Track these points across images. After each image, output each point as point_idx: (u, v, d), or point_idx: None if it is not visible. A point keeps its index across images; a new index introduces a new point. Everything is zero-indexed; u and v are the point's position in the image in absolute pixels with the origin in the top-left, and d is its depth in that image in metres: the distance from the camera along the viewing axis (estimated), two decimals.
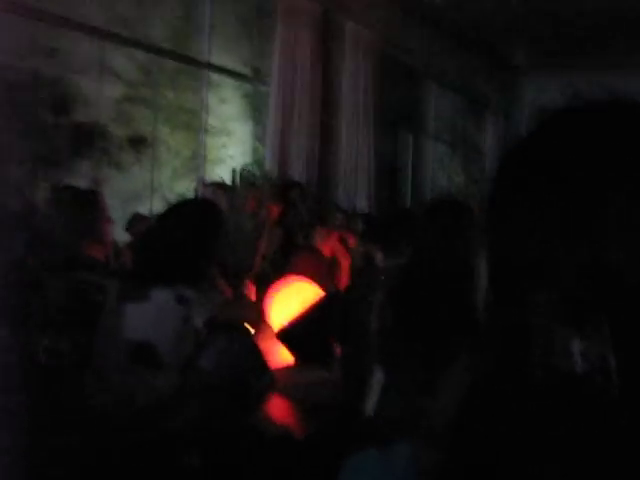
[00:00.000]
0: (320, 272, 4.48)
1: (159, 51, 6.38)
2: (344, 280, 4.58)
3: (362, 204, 7.10)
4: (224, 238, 2.62)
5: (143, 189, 6.43)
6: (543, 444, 0.54)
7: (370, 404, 2.16)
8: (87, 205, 3.58)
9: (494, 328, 0.61)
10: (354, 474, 0.71)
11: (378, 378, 2.11)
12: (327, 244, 4.90)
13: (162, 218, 2.61)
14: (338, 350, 3.49)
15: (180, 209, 2.63)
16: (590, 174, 0.57)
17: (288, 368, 3.57)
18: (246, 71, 7.08)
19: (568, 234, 0.56)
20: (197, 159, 6.59)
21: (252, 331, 3.87)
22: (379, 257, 3.85)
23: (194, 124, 6.66)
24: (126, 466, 2.24)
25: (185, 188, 6.41)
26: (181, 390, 2.41)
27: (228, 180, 5.95)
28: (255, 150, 6.98)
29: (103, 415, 2.40)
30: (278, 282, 4.34)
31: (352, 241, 5.12)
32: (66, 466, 2.20)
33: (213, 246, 2.59)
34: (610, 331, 0.53)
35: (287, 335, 3.77)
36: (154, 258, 2.48)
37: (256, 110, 7.04)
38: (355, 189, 7.16)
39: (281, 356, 3.70)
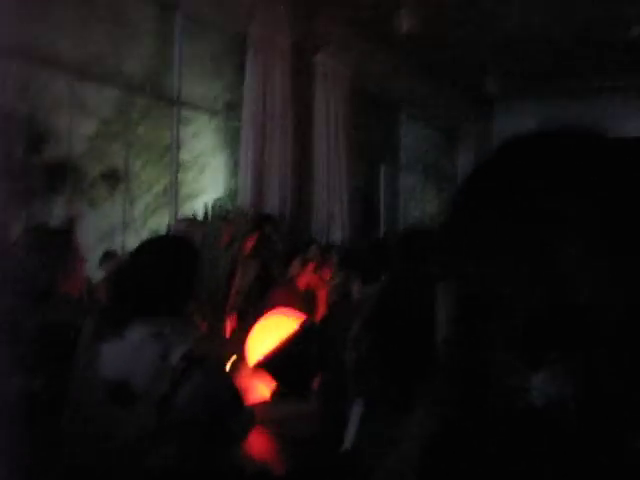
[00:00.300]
0: (296, 304, 4.47)
1: (131, 87, 6.39)
2: (321, 311, 4.58)
3: (336, 235, 7.12)
4: (199, 273, 2.61)
5: (116, 225, 6.41)
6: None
7: (349, 437, 2.15)
8: (59, 244, 3.56)
9: (454, 364, 0.61)
10: None
11: (356, 410, 2.11)
12: (303, 276, 4.90)
13: (135, 254, 2.60)
14: (316, 382, 3.48)
15: (153, 245, 2.63)
16: (546, 206, 0.57)
17: (265, 402, 3.55)
18: (218, 105, 7.11)
19: (523, 270, 0.56)
20: (170, 194, 6.58)
21: (227, 367, 3.85)
22: (355, 287, 3.86)
23: (166, 159, 6.67)
24: None
25: (158, 223, 6.40)
26: (158, 428, 2.38)
27: (201, 214, 5.95)
28: (228, 183, 6.99)
29: (79, 454, 2.36)
30: (253, 311, 4.33)
31: (327, 272, 5.13)
32: None
33: (188, 282, 2.58)
34: (567, 366, 0.54)
35: (265, 368, 3.75)
36: (128, 295, 2.47)
37: (228, 144, 7.06)
38: (329, 220, 7.17)
39: (258, 391, 3.68)
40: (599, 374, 0.55)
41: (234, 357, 3.85)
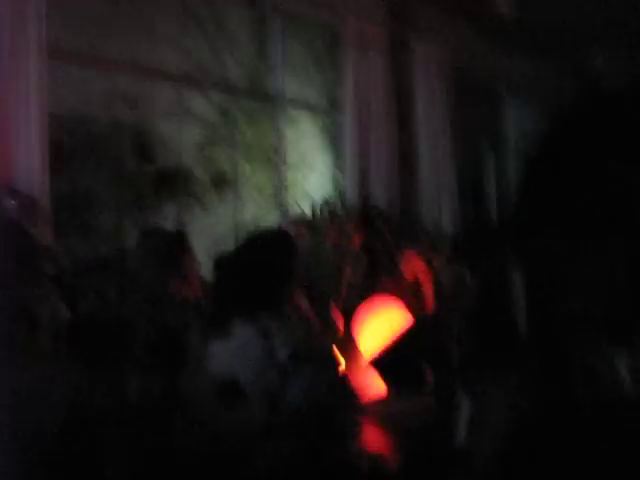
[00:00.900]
0: (404, 297, 4.42)
1: (235, 90, 6.47)
2: (429, 303, 4.51)
3: (447, 223, 7.02)
4: (300, 267, 2.61)
5: (228, 228, 6.51)
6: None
7: (460, 431, 2.10)
8: (173, 245, 3.64)
9: (533, 352, 0.57)
10: None
11: (466, 404, 2.06)
12: (411, 267, 4.84)
13: (237, 253, 2.63)
14: (430, 376, 3.43)
15: (253, 243, 2.64)
16: (620, 177, 0.53)
17: (380, 396, 3.52)
18: (321, 103, 7.12)
19: (603, 247, 0.52)
20: (279, 195, 6.64)
21: (341, 360, 3.85)
22: (469, 278, 3.79)
23: (273, 160, 6.73)
24: None
25: (269, 224, 6.46)
26: (268, 426, 2.40)
27: (310, 213, 5.98)
28: (336, 180, 6.98)
29: (193, 453, 2.41)
30: (365, 306, 4.31)
31: (437, 263, 5.05)
32: None
33: (290, 276, 2.58)
34: None
35: (379, 363, 3.74)
36: (233, 293, 2.49)
37: (334, 140, 7.06)
38: (439, 208, 7.08)
39: (373, 384, 3.66)
40: None
41: (348, 352, 3.84)
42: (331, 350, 3.21)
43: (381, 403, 3.41)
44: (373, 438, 2.97)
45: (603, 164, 0.47)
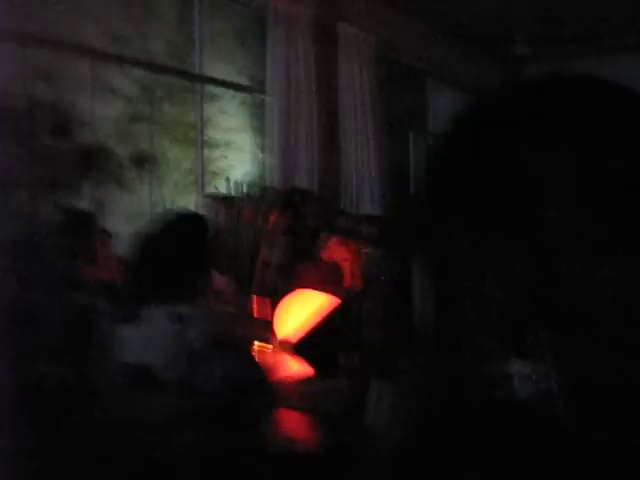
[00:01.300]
0: (327, 280, 4.41)
1: (155, 67, 6.34)
2: (348, 285, 4.51)
3: (368, 207, 7.03)
4: (214, 251, 2.56)
5: (147, 206, 6.39)
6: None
7: (369, 413, 2.10)
8: (81, 226, 3.54)
9: (429, 347, 0.54)
10: None
11: (374, 386, 2.05)
12: (329, 249, 4.83)
13: (147, 235, 2.56)
14: (348, 360, 3.43)
15: (165, 224, 2.57)
16: (530, 168, 0.50)
17: (297, 380, 3.51)
18: (243, 81, 7.04)
19: (504, 245, 0.49)
20: (200, 173, 6.55)
21: (255, 346, 3.82)
22: (388, 263, 3.79)
23: (194, 137, 6.62)
24: None
25: (187, 202, 6.37)
26: (180, 412, 2.35)
27: (229, 191, 5.91)
28: (256, 159, 6.93)
29: (102, 439, 2.34)
30: (283, 289, 4.29)
31: (356, 245, 5.05)
32: None
33: (203, 259, 2.53)
34: (552, 350, 0.46)
35: (296, 346, 3.72)
36: (145, 276, 2.43)
37: (255, 119, 7.00)
38: (360, 192, 7.09)
39: (289, 368, 3.65)
40: (590, 360, 0.47)
41: (265, 336, 3.82)
42: (247, 334, 3.17)
43: (297, 386, 3.40)
44: (289, 422, 2.95)
45: (514, 153, 0.45)
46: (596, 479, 0.46)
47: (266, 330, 3.77)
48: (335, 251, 4.79)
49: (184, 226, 2.55)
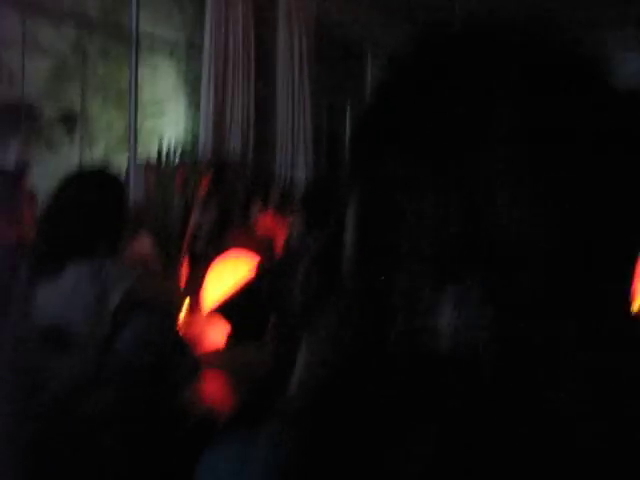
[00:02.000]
0: (254, 249, 4.39)
1: (87, 23, 6.17)
2: (278, 253, 4.51)
3: (300, 176, 7.01)
4: (127, 207, 2.52)
5: (76, 167, 6.25)
6: (405, 433, 0.47)
7: (294, 381, 2.09)
8: (5, 186, 3.44)
9: (354, 292, 0.53)
10: (216, 459, 0.63)
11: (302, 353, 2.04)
12: (261, 220, 4.82)
13: (59, 191, 2.49)
14: (271, 323, 3.43)
15: (77, 180, 2.51)
16: (461, 110, 0.49)
17: (221, 345, 3.50)
18: (180, 43, 6.91)
19: (439, 186, 0.48)
20: (129, 136, 6.42)
21: (181, 310, 3.79)
22: (318, 228, 3.78)
23: (126, 99, 6.48)
24: (41, 455, 2.14)
25: (118, 167, 6.25)
26: (97, 374, 2.31)
27: (162, 155, 5.81)
28: (190, 126, 6.83)
29: (14, 403, 2.29)
30: (211, 255, 4.26)
31: (286, 215, 5.04)
32: None
33: (118, 216, 2.48)
34: (481, 297, 0.45)
35: (221, 311, 3.70)
36: (61, 234, 2.37)
37: (190, 84, 6.89)
38: (293, 161, 7.07)
39: (213, 333, 3.63)
40: (517, 310, 0.47)
41: (188, 301, 3.78)
42: (170, 298, 3.13)
43: (221, 352, 3.39)
44: (211, 388, 2.94)
45: (455, 91, 0.45)
46: (512, 429, 0.46)
47: (194, 294, 3.74)
48: (267, 224, 4.78)
49: (100, 183, 2.49)
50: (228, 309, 3.56)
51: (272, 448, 0.56)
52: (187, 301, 3.68)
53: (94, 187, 2.45)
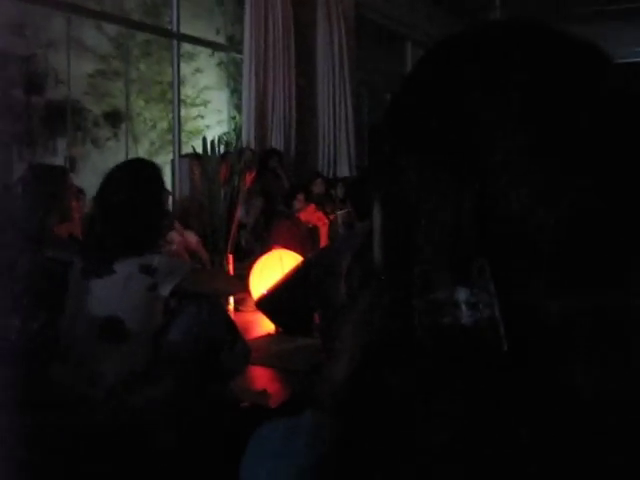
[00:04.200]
0: (300, 240, 4.42)
1: (130, 23, 6.25)
2: (323, 246, 4.54)
3: (343, 169, 7.02)
4: (166, 197, 2.57)
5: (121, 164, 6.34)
6: (431, 408, 0.49)
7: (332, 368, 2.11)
8: (53, 183, 3.51)
9: (381, 281, 0.56)
10: (260, 446, 0.66)
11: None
12: (305, 210, 4.84)
13: (104, 187, 2.54)
14: (317, 317, 3.45)
15: (119, 175, 2.55)
16: (474, 109, 0.51)
17: (268, 337, 3.53)
18: (219, 39, 6.97)
19: (453, 183, 0.50)
20: (173, 131, 6.50)
21: (230, 302, 3.83)
22: (358, 221, 3.80)
23: (169, 96, 6.57)
24: (98, 446, 2.20)
25: (163, 161, 6.34)
26: (151, 364, 2.36)
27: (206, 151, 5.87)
28: (232, 119, 6.88)
29: (73, 394, 2.35)
30: (258, 247, 4.29)
31: (331, 207, 5.06)
32: (36, 447, 2.16)
33: (161, 205, 2.53)
34: (494, 278, 0.48)
35: (266, 303, 3.72)
36: (111, 229, 2.42)
37: (231, 78, 6.94)
38: (335, 154, 7.07)
39: (262, 327, 3.66)
40: (528, 290, 0.50)
41: (239, 292, 3.83)
42: (221, 290, 3.18)
43: (268, 343, 3.42)
44: (260, 378, 2.98)
45: (465, 97, 0.46)
46: (529, 402, 0.49)
47: (241, 288, 3.77)
48: (311, 213, 4.80)
49: (142, 174, 2.54)
50: (271, 303, 3.59)
51: (311, 438, 0.59)
52: (235, 293, 3.73)
53: (139, 183, 2.50)
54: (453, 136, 0.51)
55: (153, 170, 2.60)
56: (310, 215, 4.83)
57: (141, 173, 2.55)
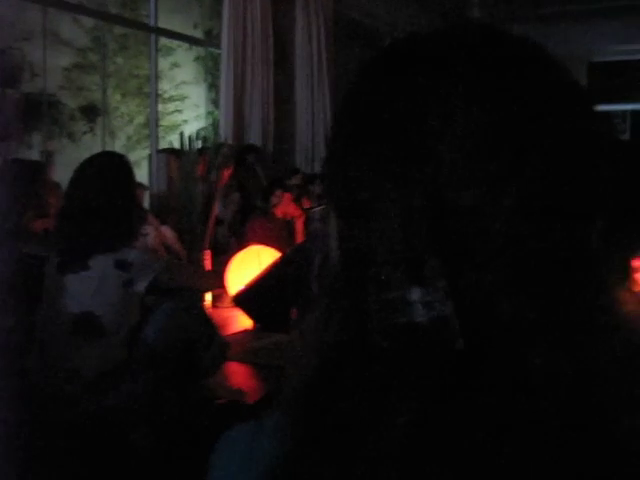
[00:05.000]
0: (276, 235, 4.43)
1: (107, 16, 6.21)
2: (299, 241, 4.54)
3: (319, 162, 7.03)
4: (140, 191, 2.55)
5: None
6: (385, 407, 0.50)
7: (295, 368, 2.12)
8: (31, 178, 3.49)
9: (334, 282, 0.57)
10: (225, 447, 0.66)
11: None
12: (281, 205, 4.84)
13: (76, 180, 2.53)
14: (294, 313, 3.46)
15: (88, 169, 2.53)
16: (426, 104, 0.52)
17: (245, 333, 3.53)
18: (197, 34, 6.94)
19: (403, 180, 0.51)
20: (150, 126, 6.48)
21: (206, 298, 3.83)
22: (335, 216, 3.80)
23: (146, 90, 6.54)
24: (71, 443, 2.19)
25: (140, 155, 6.31)
26: (127, 361, 2.36)
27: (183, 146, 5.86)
28: (210, 114, 6.87)
29: (49, 391, 2.34)
30: (234, 242, 4.29)
31: (307, 202, 5.07)
32: (8, 444, 2.15)
33: (133, 200, 2.52)
34: (447, 276, 0.49)
35: (243, 299, 3.72)
36: (80, 224, 2.40)
37: (209, 73, 6.93)
38: (313, 150, 7.07)
39: (239, 323, 3.67)
40: (478, 290, 0.51)
41: (216, 288, 3.83)
42: (198, 286, 3.17)
43: (245, 339, 3.42)
44: (237, 374, 2.98)
45: (415, 95, 0.46)
46: (487, 398, 0.50)
47: (218, 284, 3.77)
48: (288, 208, 4.80)
49: (114, 166, 2.52)
50: (248, 300, 3.59)
51: (275, 439, 0.59)
52: (212, 289, 3.73)
53: (108, 176, 2.48)
54: (401, 137, 0.52)
55: (121, 163, 2.58)
56: (286, 206, 4.83)
57: (109, 166, 2.53)
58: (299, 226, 4.67)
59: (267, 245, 4.12)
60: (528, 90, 0.52)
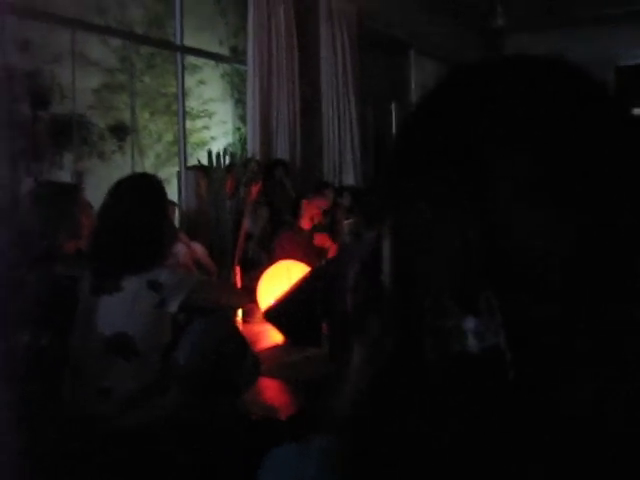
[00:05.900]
0: (303, 248, 4.43)
1: (135, 37, 6.29)
2: (330, 255, 4.54)
3: (348, 178, 7.03)
4: (171, 210, 2.57)
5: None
6: (440, 432, 0.51)
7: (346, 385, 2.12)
8: (66, 200, 3.53)
9: (389, 308, 0.57)
10: (271, 471, 0.67)
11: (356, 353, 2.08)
12: (312, 220, 4.85)
13: (108, 202, 2.55)
14: (325, 327, 3.46)
15: (121, 190, 2.56)
16: (480, 149, 0.53)
17: (276, 348, 3.54)
18: (223, 51, 7.00)
19: (455, 206, 0.52)
20: (179, 143, 6.53)
21: (238, 314, 3.84)
22: (366, 230, 3.81)
23: (174, 108, 6.60)
24: (106, 460, 2.21)
25: (169, 173, 6.36)
26: (160, 380, 2.38)
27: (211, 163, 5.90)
28: (237, 130, 6.91)
29: (82, 410, 2.37)
30: (264, 258, 4.31)
31: (338, 215, 5.08)
32: (45, 462, 2.18)
33: (164, 218, 2.54)
34: (500, 309, 0.50)
35: (274, 314, 3.73)
36: (116, 245, 2.43)
37: (236, 89, 6.97)
38: (340, 162, 7.08)
39: (271, 338, 3.67)
40: (533, 319, 0.51)
41: (246, 304, 3.84)
42: (229, 303, 3.19)
43: (276, 354, 3.43)
44: (270, 390, 2.99)
45: (472, 132, 0.46)
46: (537, 428, 0.50)
47: (249, 300, 3.78)
48: (316, 218, 4.80)
49: (147, 189, 2.55)
50: (279, 314, 3.59)
51: (322, 464, 0.60)
52: (243, 305, 3.74)
53: (141, 197, 2.51)
54: (461, 169, 0.52)
55: (155, 184, 2.61)
56: (313, 217, 4.83)
57: (143, 187, 2.56)
58: (328, 239, 4.67)
59: (296, 259, 4.13)
60: (593, 138, 0.53)
